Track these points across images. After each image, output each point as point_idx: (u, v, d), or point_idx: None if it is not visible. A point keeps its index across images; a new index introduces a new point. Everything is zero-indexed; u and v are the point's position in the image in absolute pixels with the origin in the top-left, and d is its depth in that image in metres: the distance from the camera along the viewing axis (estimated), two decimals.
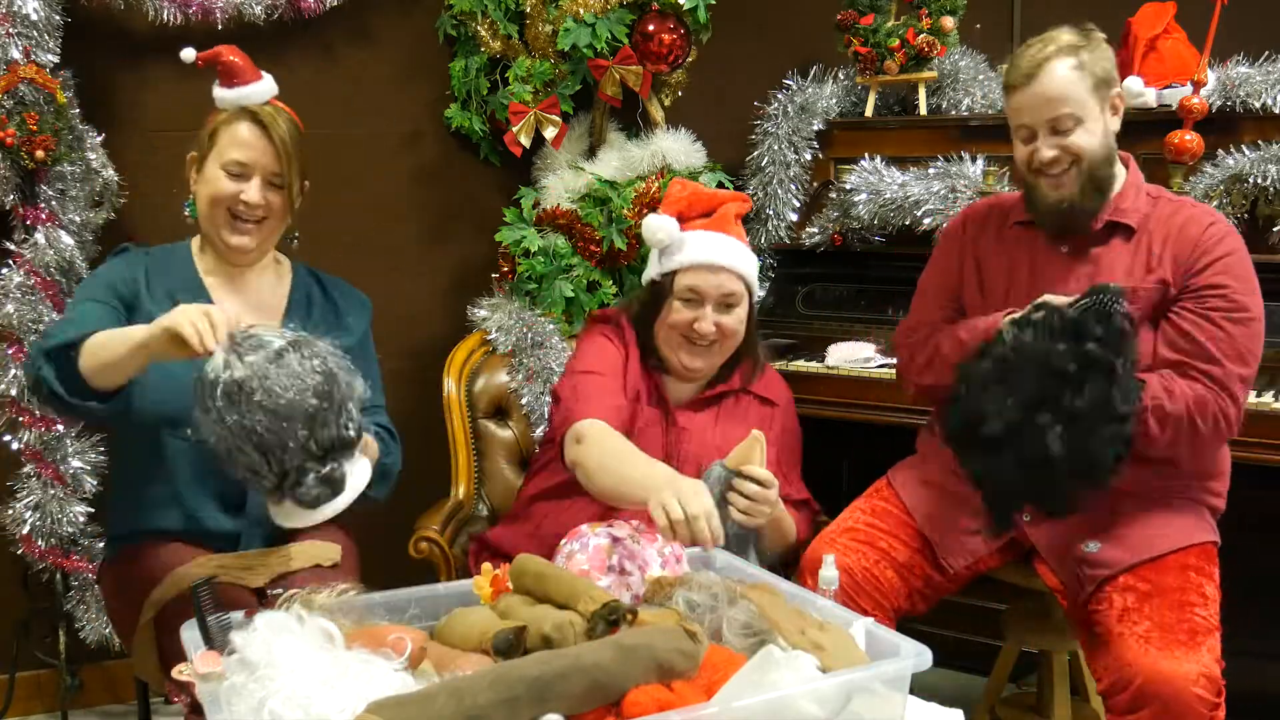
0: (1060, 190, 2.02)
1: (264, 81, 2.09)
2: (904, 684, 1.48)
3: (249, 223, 2.04)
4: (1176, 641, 1.83)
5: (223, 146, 2.03)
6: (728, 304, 2.18)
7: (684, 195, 2.26)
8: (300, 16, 2.84)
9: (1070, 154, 1.99)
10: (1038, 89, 1.97)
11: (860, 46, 3.01)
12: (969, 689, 2.64)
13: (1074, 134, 1.98)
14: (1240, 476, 2.17)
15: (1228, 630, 1.92)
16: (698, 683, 1.42)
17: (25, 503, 2.62)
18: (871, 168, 2.87)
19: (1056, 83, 1.96)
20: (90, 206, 2.66)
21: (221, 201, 2.02)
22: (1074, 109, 1.97)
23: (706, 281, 2.16)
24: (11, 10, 2.49)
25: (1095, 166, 2.01)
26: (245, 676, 1.36)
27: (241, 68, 2.07)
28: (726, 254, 2.18)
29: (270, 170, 2.03)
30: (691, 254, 2.17)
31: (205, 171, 2.05)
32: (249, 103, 2.05)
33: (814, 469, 2.41)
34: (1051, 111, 1.98)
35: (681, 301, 2.18)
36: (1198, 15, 2.56)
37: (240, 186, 2.02)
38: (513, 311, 2.82)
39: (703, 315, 2.16)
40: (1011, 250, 2.16)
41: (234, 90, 2.06)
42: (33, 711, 2.88)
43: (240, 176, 2.02)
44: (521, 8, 2.97)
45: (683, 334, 2.19)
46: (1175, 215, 2.04)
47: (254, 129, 2.03)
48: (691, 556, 1.86)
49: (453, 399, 2.62)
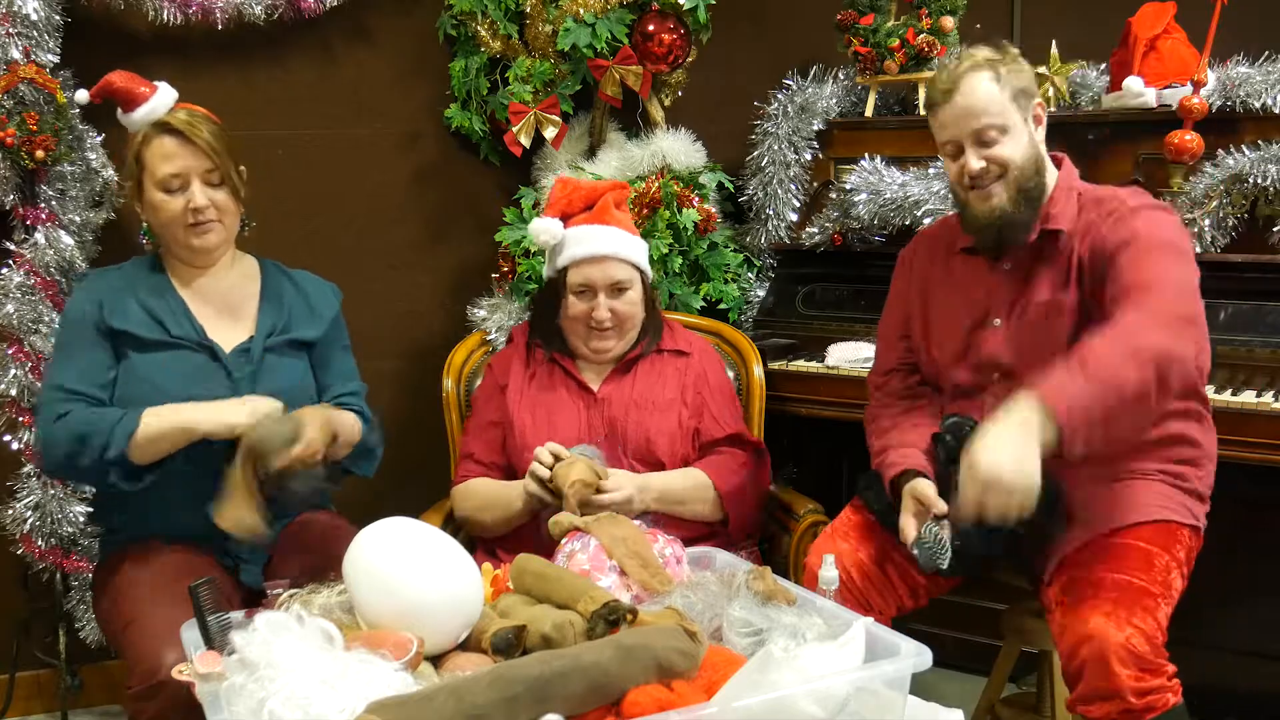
0: (989, 201, 2.01)
1: (161, 91, 2.11)
2: (904, 684, 1.48)
3: (206, 223, 2.06)
4: (1108, 599, 1.80)
5: (152, 166, 2.04)
6: (619, 289, 2.30)
7: (564, 194, 2.38)
8: (300, 16, 2.83)
9: (997, 164, 1.98)
10: (959, 101, 1.97)
11: (860, 46, 3.01)
12: (969, 689, 2.64)
13: (999, 144, 1.98)
14: (1240, 476, 2.17)
15: (1227, 630, 1.92)
16: (697, 682, 1.42)
17: (25, 503, 2.62)
18: (871, 168, 2.88)
19: (976, 95, 1.96)
20: (90, 206, 2.66)
21: (174, 219, 2.05)
22: (995, 119, 1.97)
23: (594, 273, 2.29)
24: (11, 10, 2.49)
25: (1023, 176, 1.99)
26: (245, 677, 1.36)
27: (134, 89, 2.10)
28: (609, 244, 2.30)
29: (203, 170, 2.04)
30: (576, 249, 2.30)
31: (146, 197, 2.06)
32: (156, 117, 2.07)
33: (814, 469, 2.42)
34: (974, 123, 1.97)
35: (575, 295, 2.31)
36: (1198, 15, 2.56)
37: (183, 198, 2.03)
38: (513, 311, 2.82)
39: (597, 305, 2.29)
40: (954, 275, 2.16)
41: (138, 111, 2.09)
42: (33, 711, 2.88)
43: (179, 189, 2.04)
44: (521, 8, 2.97)
45: (584, 324, 2.31)
46: (1098, 206, 2.01)
47: (173, 139, 2.04)
48: (692, 557, 1.86)
49: (452, 399, 2.62)
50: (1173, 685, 1.78)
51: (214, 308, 2.12)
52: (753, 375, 2.60)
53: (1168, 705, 1.76)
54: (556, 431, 2.27)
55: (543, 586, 1.61)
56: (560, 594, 1.57)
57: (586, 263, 2.29)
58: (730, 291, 2.95)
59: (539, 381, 2.37)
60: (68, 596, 2.72)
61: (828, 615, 1.61)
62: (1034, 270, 2.05)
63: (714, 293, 2.94)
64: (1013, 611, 2.41)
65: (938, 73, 2.04)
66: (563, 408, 2.33)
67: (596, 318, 2.29)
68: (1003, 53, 2.00)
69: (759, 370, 2.62)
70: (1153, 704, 1.75)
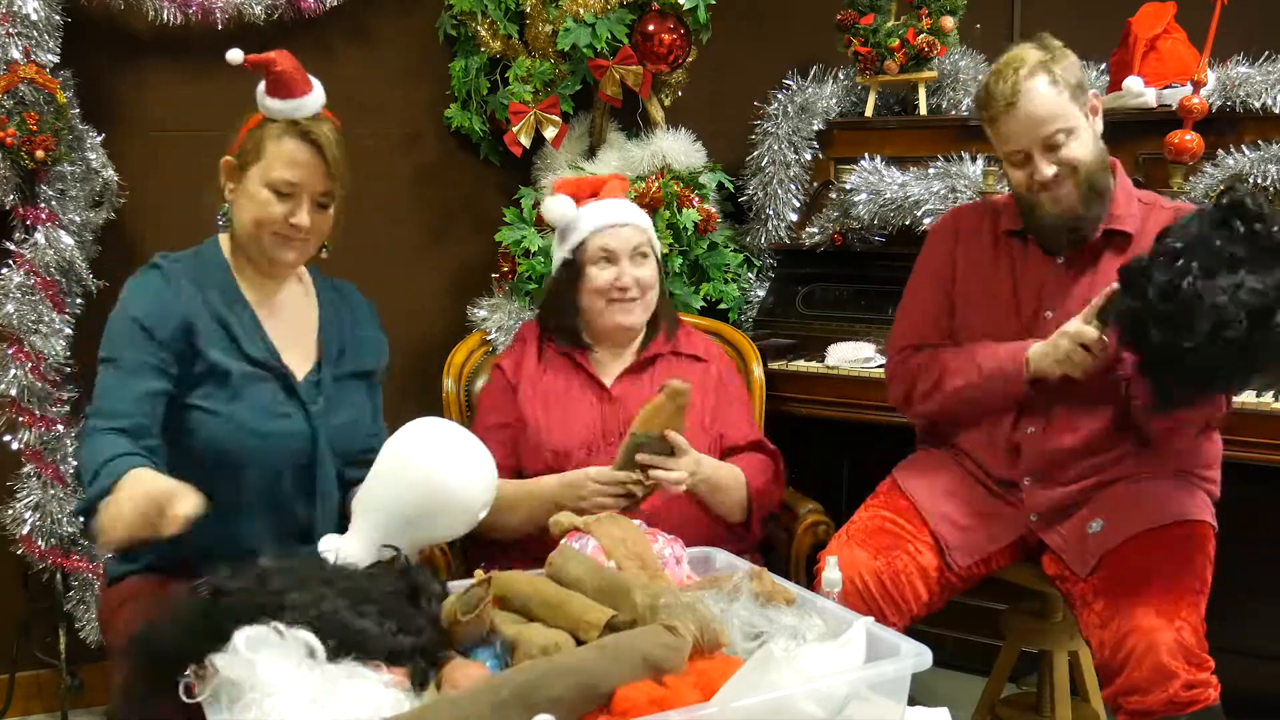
0: (1061, 204, 2.01)
1: (315, 93, 1.92)
2: (904, 684, 1.48)
3: (295, 240, 1.91)
4: (1156, 593, 1.83)
5: (270, 162, 1.87)
6: (640, 255, 2.30)
7: (570, 180, 2.44)
8: (300, 16, 2.84)
9: (1068, 166, 1.98)
10: (1022, 111, 1.96)
11: (860, 46, 3.01)
12: (969, 689, 2.64)
13: (1067, 146, 1.97)
14: (1240, 477, 2.17)
15: (1227, 630, 1.93)
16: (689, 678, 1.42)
17: (25, 503, 2.62)
18: (871, 168, 2.88)
19: (1038, 102, 1.95)
20: (90, 206, 2.65)
21: (269, 224, 1.88)
22: (1063, 123, 1.96)
23: (616, 237, 2.28)
24: (11, 10, 2.49)
25: (1092, 173, 2.00)
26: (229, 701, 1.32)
27: (295, 79, 1.88)
28: (625, 211, 2.33)
29: (319, 190, 1.90)
30: (594, 219, 2.30)
31: (248, 186, 1.89)
32: (300, 115, 1.89)
33: (814, 469, 2.42)
34: (1043, 131, 1.96)
35: (596, 267, 2.28)
36: (1198, 15, 2.56)
37: (288, 208, 1.88)
38: (513, 311, 2.82)
39: (622, 270, 2.27)
40: (1002, 260, 2.15)
41: (285, 102, 1.88)
42: (33, 711, 2.88)
43: (288, 197, 1.88)
44: (521, 8, 2.97)
45: (608, 297, 2.28)
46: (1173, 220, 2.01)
47: (305, 148, 1.88)
48: (692, 557, 1.86)
49: (452, 399, 2.62)
50: (1214, 681, 1.80)
51: (281, 326, 1.96)
52: (753, 375, 2.60)
53: (1210, 700, 1.79)
54: (571, 431, 2.24)
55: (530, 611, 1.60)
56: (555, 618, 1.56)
57: (608, 229, 2.28)
58: (730, 291, 2.95)
59: (551, 377, 2.32)
60: (68, 596, 2.71)
61: (828, 616, 1.61)
62: (1096, 269, 2.04)
63: (714, 293, 2.94)
64: (1013, 611, 2.41)
65: (990, 84, 2.00)
66: (576, 405, 2.29)
67: (622, 284, 2.26)
68: (1050, 50, 1.99)
69: (759, 370, 2.62)
70: (1196, 698, 1.77)
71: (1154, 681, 1.77)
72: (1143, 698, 1.78)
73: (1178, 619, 1.79)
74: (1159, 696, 1.77)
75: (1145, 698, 1.78)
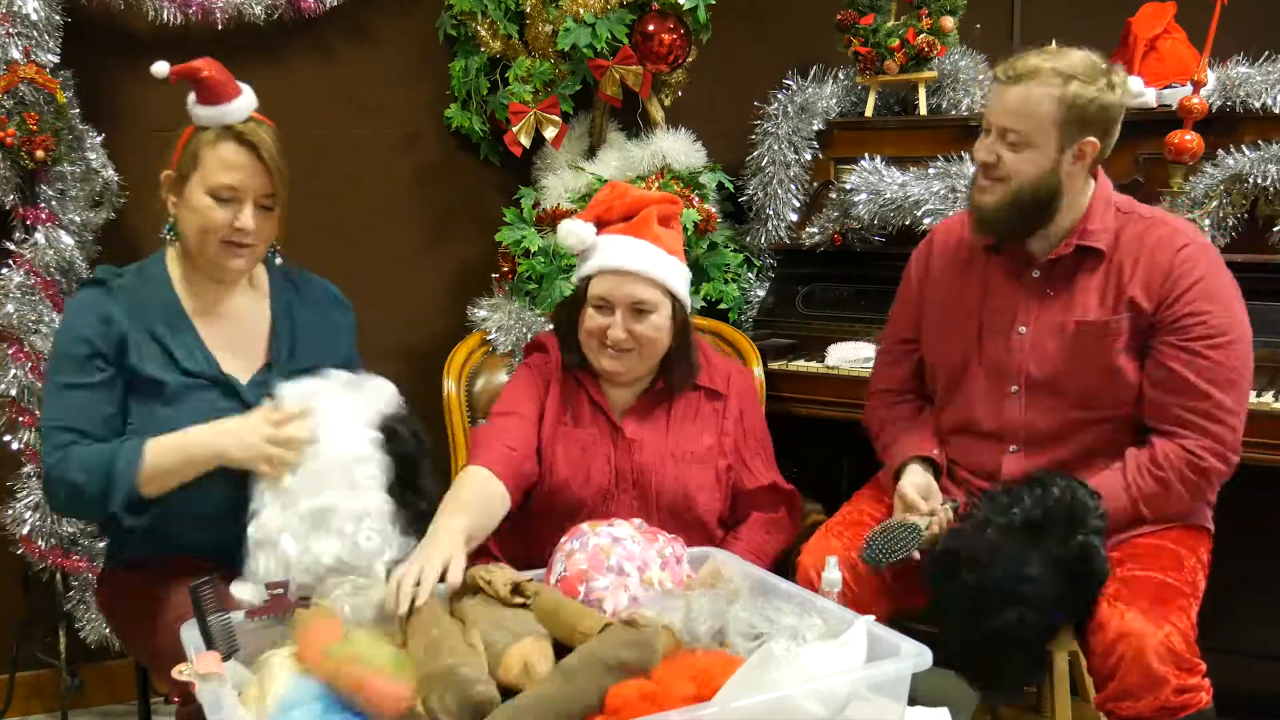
0: (983, 195, 2.01)
1: (245, 96, 1.93)
2: (904, 684, 1.48)
3: (243, 246, 1.93)
4: (1144, 597, 1.82)
5: (209, 170, 1.89)
6: (639, 310, 2.09)
7: (607, 198, 2.20)
8: (300, 16, 2.83)
9: (1003, 168, 1.96)
10: (1009, 94, 1.94)
11: (860, 46, 3.01)
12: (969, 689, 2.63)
13: (1016, 152, 1.95)
14: (1239, 477, 2.16)
15: (1227, 631, 1.92)
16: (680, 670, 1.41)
17: (25, 503, 2.62)
18: (871, 168, 2.87)
19: (1030, 101, 1.92)
20: (90, 206, 2.65)
21: (214, 231, 1.90)
22: (1024, 130, 1.93)
23: (616, 288, 2.08)
24: (11, 10, 2.49)
25: (1023, 194, 1.96)
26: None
27: (222, 84, 1.90)
28: (638, 259, 2.08)
29: (261, 192, 1.91)
30: (600, 260, 2.10)
31: (190, 197, 1.91)
32: (231, 120, 1.90)
33: (814, 469, 2.41)
34: (1008, 122, 1.95)
35: (594, 309, 2.11)
36: (1198, 15, 2.56)
37: (231, 213, 1.89)
38: (513, 311, 2.81)
39: (614, 323, 2.09)
40: (975, 274, 2.14)
41: (215, 108, 1.90)
42: (33, 711, 2.88)
43: (230, 201, 1.89)
44: (521, 8, 2.97)
45: (599, 340, 2.12)
46: (1146, 235, 2.00)
47: (242, 150, 1.89)
48: (692, 557, 1.86)
49: (452, 399, 2.62)
50: (1205, 684, 1.80)
51: (227, 333, 1.98)
52: (753, 375, 2.60)
53: (1202, 704, 1.78)
54: (591, 477, 2.14)
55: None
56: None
57: (609, 275, 2.09)
58: (730, 291, 2.95)
59: (569, 412, 2.19)
60: (68, 596, 2.71)
61: (828, 615, 1.61)
62: (1072, 285, 2.03)
63: (714, 293, 2.94)
64: None
65: (1021, 53, 1.96)
66: (593, 449, 2.16)
67: (612, 337, 2.09)
68: (1091, 77, 1.92)
69: (759, 370, 2.63)
70: (1188, 702, 1.77)
71: (1144, 687, 1.76)
72: (1134, 703, 1.78)
73: (1166, 623, 1.78)
74: (1150, 702, 1.76)
75: (1137, 703, 1.77)
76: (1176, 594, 1.85)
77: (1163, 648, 1.76)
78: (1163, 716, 1.76)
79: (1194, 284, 1.95)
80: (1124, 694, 1.78)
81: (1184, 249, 1.97)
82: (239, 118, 1.91)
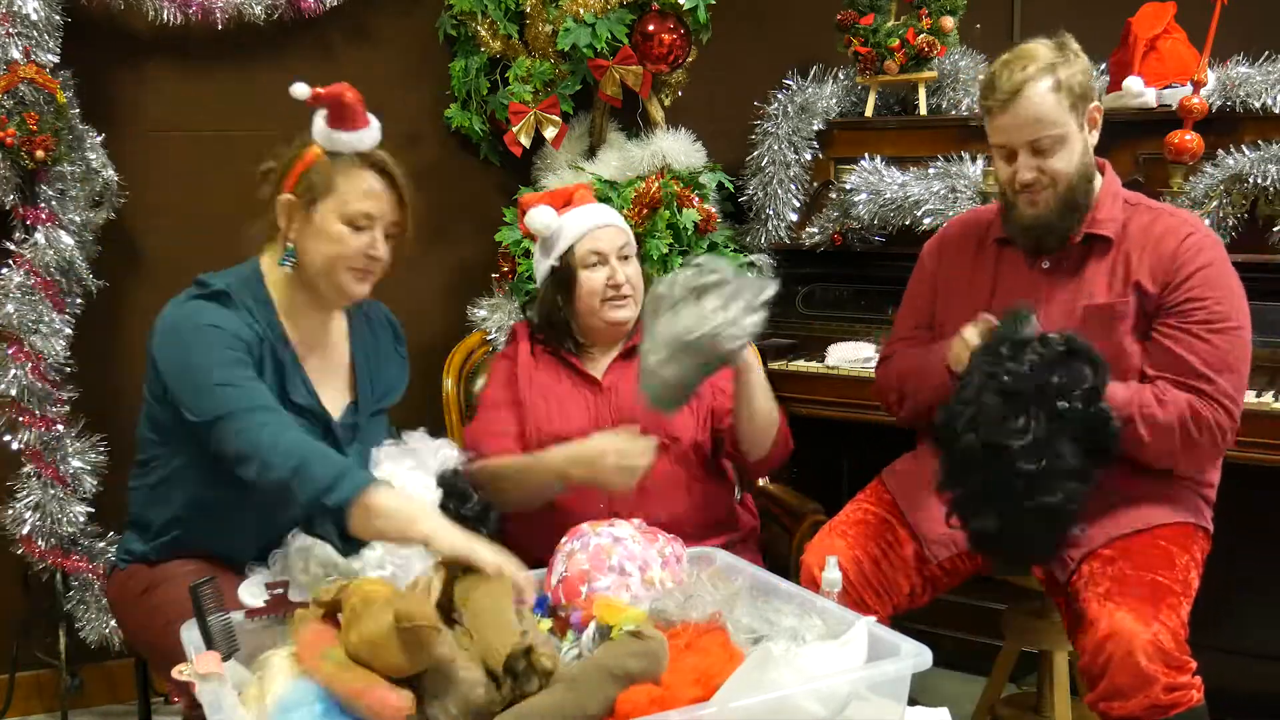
0: (1035, 209, 2.02)
1: (374, 124, 1.92)
2: (904, 684, 1.48)
3: (369, 273, 1.92)
4: (1133, 596, 1.82)
5: (347, 197, 1.86)
6: (625, 255, 2.33)
7: (538, 195, 2.47)
8: (300, 16, 2.84)
9: (1049, 174, 1.99)
10: (1019, 111, 1.96)
11: (860, 46, 3.01)
12: (969, 689, 2.64)
13: (1053, 155, 1.97)
14: (1239, 477, 2.17)
15: (1226, 630, 1.92)
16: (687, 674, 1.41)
17: (25, 503, 2.62)
18: (871, 168, 2.87)
19: (1035, 105, 1.95)
20: (90, 206, 2.65)
21: (347, 259, 1.88)
22: (1054, 130, 1.96)
23: (603, 238, 2.31)
24: (11, 10, 2.49)
25: (1071, 187, 2.00)
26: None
27: (359, 111, 1.89)
28: (607, 214, 2.37)
29: (391, 221, 1.91)
30: (579, 224, 2.32)
31: (320, 224, 1.87)
32: (365, 147, 1.90)
33: (814, 469, 2.41)
34: (1032, 134, 1.97)
35: (588, 270, 2.30)
36: (1198, 15, 2.56)
37: (366, 240, 1.88)
38: (513, 311, 2.82)
39: (614, 269, 2.30)
40: (985, 267, 2.15)
41: (349, 134, 1.88)
42: (33, 711, 2.88)
43: (364, 229, 1.88)
44: (521, 8, 2.97)
45: (603, 297, 2.30)
46: (1153, 225, 2.03)
47: (379, 179, 1.89)
48: (692, 556, 1.86)
49: (452, 399, 2.62)
50: (1196, 683, 1.79)
51: (321, 366, 1.97)
52: None
53: (1192, 702, 1.78)
54: (569, 420, 2.26)
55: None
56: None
57: (593, 231, 2.31)
58: None
59: (544, 374, 2.34)
60: (68, 596, 2.71)
61: (828, 615, 1.61)
62: (1080, 273, 2.05)
63: None
64: (1013, 611, 2.41)
65: (996, 74, 1.99)
66: (570, 398, 2.31)
67: (616, 281, 2.29)
68: (1063, 52, 1.98)
69: None
70: (1178, 700, 1.76)
71: (1134, 686, 1.76)
72: (1124, 703, 1.77)
73: (1155, 622, 1.78)
74: (1140, 701, 1.76)
75: (1127, 703, 1.77)
76: (1167, 593, 1.84)
77: (1151, 646, 1.76)
78: (1153, 715, 1.76)
79: (1198, 270, 1.97)
80: (1114, 693, 1.78)
81: (1190, 237, 2.00)
82: (370, 145, 1.91)
